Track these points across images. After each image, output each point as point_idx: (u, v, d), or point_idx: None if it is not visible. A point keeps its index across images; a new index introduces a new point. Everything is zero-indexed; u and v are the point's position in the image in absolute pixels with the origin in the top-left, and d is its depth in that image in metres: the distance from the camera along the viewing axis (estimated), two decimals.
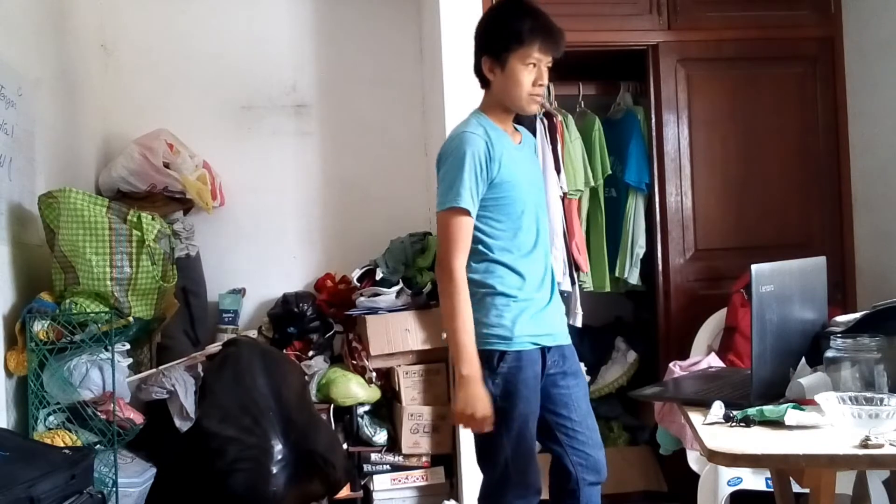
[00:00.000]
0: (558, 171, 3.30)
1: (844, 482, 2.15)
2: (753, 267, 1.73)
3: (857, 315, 1.97)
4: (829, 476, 1.53)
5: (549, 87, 3.45)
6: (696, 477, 2.76)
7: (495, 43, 2.07)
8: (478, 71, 2.13)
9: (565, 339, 2.20)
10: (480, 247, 2.08)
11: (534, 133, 3.28)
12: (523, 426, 2.07)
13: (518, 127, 2.25)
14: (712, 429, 1.62)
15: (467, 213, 2.02)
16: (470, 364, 1.99)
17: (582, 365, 3.45)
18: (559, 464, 2.17)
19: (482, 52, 2.11)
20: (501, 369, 2.05)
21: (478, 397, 1.99)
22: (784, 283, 1.84)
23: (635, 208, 3.43)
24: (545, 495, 2.20)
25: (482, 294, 2.08)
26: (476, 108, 2.16)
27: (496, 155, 2.05)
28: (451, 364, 3.11)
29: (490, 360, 2.06)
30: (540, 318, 2.12)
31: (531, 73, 2.05)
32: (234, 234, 3.64)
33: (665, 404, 2.49)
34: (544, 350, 2.12)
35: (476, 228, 2.07)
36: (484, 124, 2.09)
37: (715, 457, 1.50)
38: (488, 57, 2.08)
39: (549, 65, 2.08)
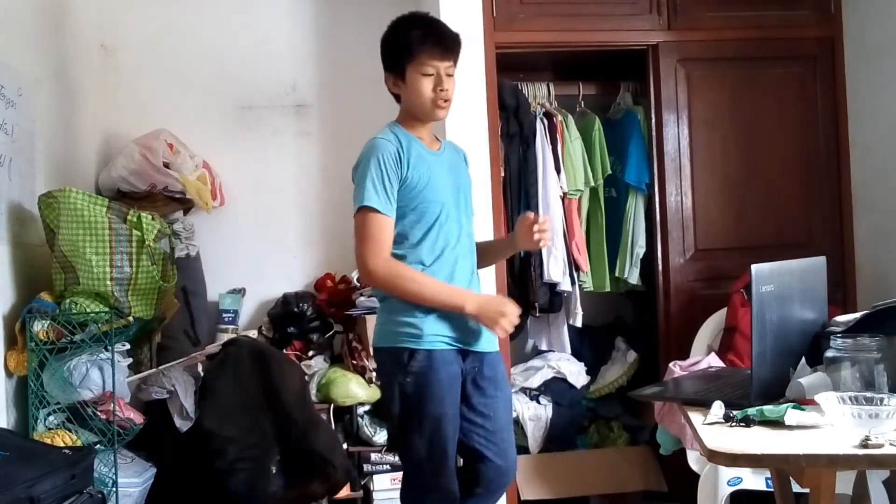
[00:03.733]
0: (558, 171, 3.31)
1: (844, 482, 2.15)
2: (753, 267, 1.73)
3: (857, 315, 1.97)
4: (829, 476, 1.53)
5: (549, 87, 3.46)
6: (696, 477, 2.76)
7: (392, 59, 2.17)
8: (388, 87, 2.22)
9: (488, 347, 2.17)
10: (395, 247, 2.11)
11: (534, 133, 3.31)
12: (436, 427, 2.06)
13: (446, 141, 2.34)
14: (712, 429, 1.62)
15: (377, 210, 2.07)
16: (467, 299, 2.07)
17: (582, 365, 3.49)
18: (469, 449, 2.17)
19: (385, 70, 2.20)
20: (412, 368, 2.07)
21: (492, 302, 2.08)
22: (784, 283, 1.84)
23: (635, 208, 3.43)
24: None
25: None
26: (392, 121, 2.24)
27: (406, 157, 2.11)
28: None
29: (400, 358, 2.07)
30: (455, 320, 2.10)
31: (430, 82, 2.11)
32: (234, 234, 3.63)
33: (665, 404, 2.49)
34: (464, 354, 2.13)
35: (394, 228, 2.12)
36: (396, 131, 2.17)
37: (715, 457, 1.50)
38: (390, 73, 2.19)
39: (451, 70, 2.14)
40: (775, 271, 1.80)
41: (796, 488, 2.07)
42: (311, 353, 3.32)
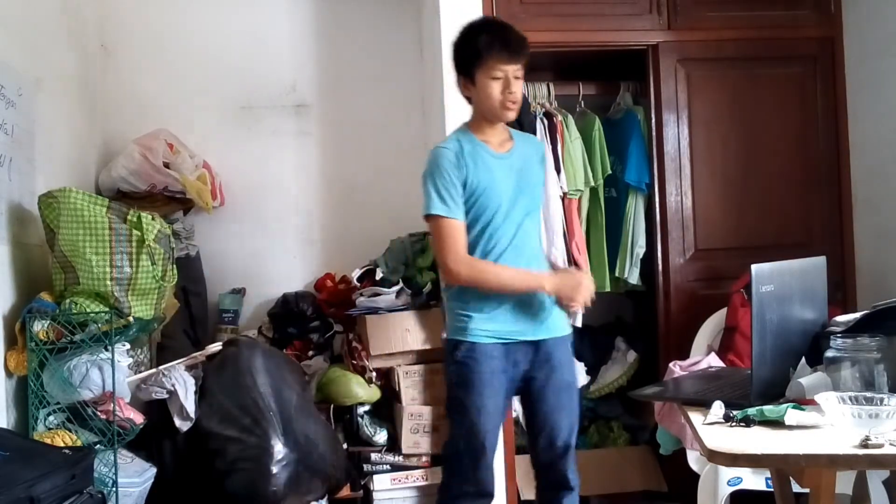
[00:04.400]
0: (558, 171, 3.31)
1: (844, 482, 2.15)
2: (753, 267, 1.73)
3: (857, 315, 1.97)
4: (829, 476, 1.53)
5: (549, 87, 3.46)
6: (696, 477, 2.76)
7: (463, 63, 2.29)
8: (459, 91, 2.35)
9: (542, 334, 2.30)
10: None
11: (534, 133, 3.30)
12: (475, 419, 2.20)
13: (522, 135, 2.46)
14: (712, 429, 1.62)
15: (443, 216, 2.23)
16: (545, 279, 2.23)
17: (581, 365, 3.48)
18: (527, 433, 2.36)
19: (457, 74, 2.32)
20: (457, 357, 2.24)
21: (567, 278, 2.25)
22: (784, 283, 1.84)
23: (635, 208, 3.43)
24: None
25: (458, 287, 2.27)
26: (463, 123, 2.37)
27: (465, 162, 2.24)
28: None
29: (451, 348, 2.27)
30: (502, 316, 2.25)
31: (499, 84, 2.23)
32: (234, 234, 3.64)
33: (665, 404, 2.49)
34: (515, 345, 2.25)
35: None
36: (459, 137, 2.31)
37: (715, 457, 1.50)
38: (461, 77, 2.31)
39: (519, 73, 2.25)
40: (775, 271, 1.81)
41: (796, 488, 2.08)
42: (311, 353, 3.32)
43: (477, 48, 2.22)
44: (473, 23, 2.33)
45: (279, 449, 2.74)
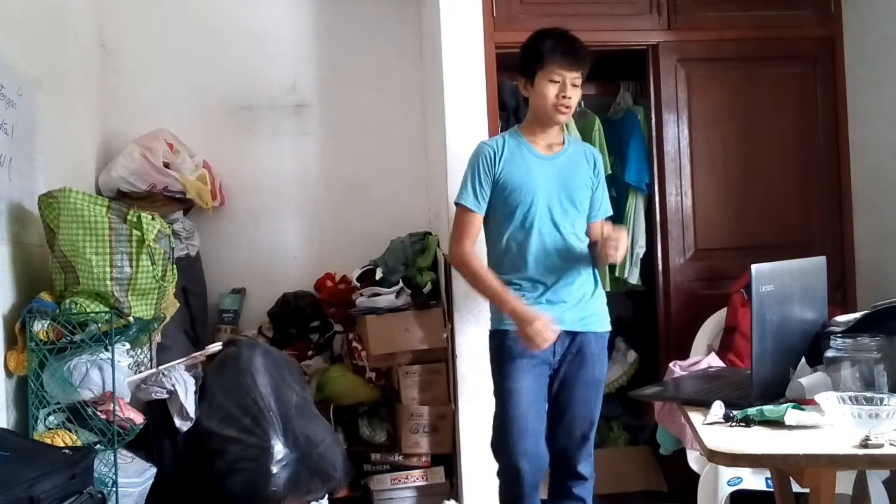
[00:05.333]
0: None
1: (844, 482, 2.15)
2: (753, 267, 1.73)
3: (857, 315, 1.97)
4: (829, 476, 1.53)
5: None
6: (696, 477, 2.76)
7: (526, 65, 2.40)
8: (520, 90, 2.47)
9: (575, 327, 2.38)
10: (493, 237, 2.45)
11: None
12: (509, 402, 2.34)
13: (579, 143, 2.64)
14: (712, 429, 1.62)
15: (465, 207, 2.40)
16: (506, 300, 2.31)
17: None
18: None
19: (520, 74, 2.43)
20: (493, 346, 2.43)
21: (525, 313, 2.27)
22: (784, 283, 1.84)
23: (635, 208, 3.43)
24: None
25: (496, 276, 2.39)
26: (518, 125, 2.52)
27: (503, 159, 2.39)
28: (450, 363, 3.12)
29: (491, 337, 2.44)
30: (548, 306, 2.35)
31: (555, 88, 2.34)
32: (234, 234, 3.64)
33: (665, 404, 2.49)
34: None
35: (488, 224, 2.45)
36: (508, 135, 2.46)
37: (715, 457, 1.50)
38: (522, 77, 2.42)
39: (577, 81, 2.35)
40: (775, 271, 1.81)
41: (796, 488, 2.08)
42: (311, 353, 3.32)
43: (540, 51, 2.34)
44: (542, 29, 2.43)
45: (279, 449, 2.74)
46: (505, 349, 2.36)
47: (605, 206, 2.55)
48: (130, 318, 2.64)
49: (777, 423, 1.59)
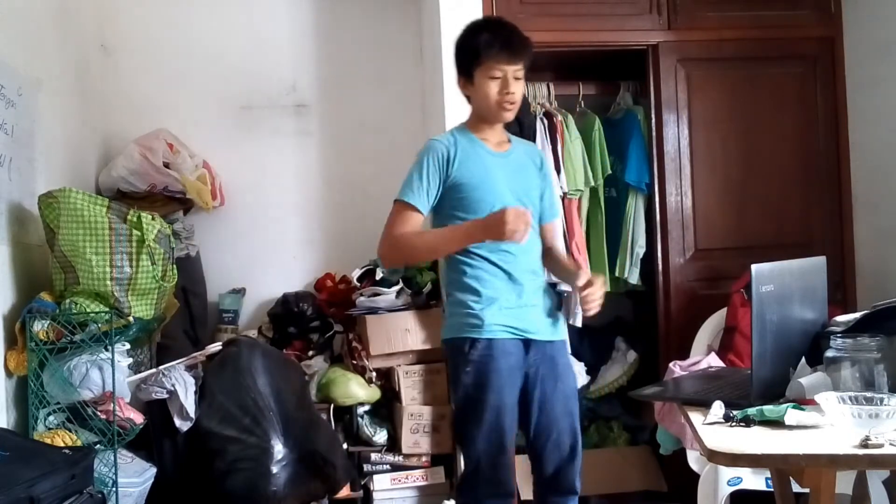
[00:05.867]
0: (558, 171, 3.31)
1: (844, 482, 2.15)
2: (753, 267, 1.73)
3: (857, 315, 1.97)
4: (829, 476, 1.53)
5: (549, 87, 3.46)
6: (696, 477, 2.76)
7: (462, 62, 2.25)
8: (459, 89, 2.30)
9: (551, 336, 2.25)
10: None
11: (534, 133, 3.30)
12: (495, 419, 2.12)
13: (521, 141, 2.42)
14: (712, 429, 1.62)
15: (412, 207, 2.18)
16: (470, 227, 2.13)
17: (582, 365, 3.48)
18: (527, 441, 2.26)
19: (457, 73, 2.28)
20: (472, 356, 2.14)
21: (494, 215, 2.06)
22: (784, 283, 1.83)
23: (635, 208, 3.43)
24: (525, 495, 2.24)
25: (458, 285, 2.22)
26: (461, 122, 2.33)
27: (456, 157, 2.20)
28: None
29: (462, 348, 2.16)
30: (516, 312, 2.18)
31: (497, 84, 2.18)
32: (234, 234, 3.64)
33: (665, 404, 2.49)
34: (526, 344, 2.18)
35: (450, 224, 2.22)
36: (457, 132, 2.27)
37: (715, 457, 1.50)
38: (460, 76, 2.27)
39: (519, 73, 2.20)
40: (775, 271, 1.80)
41: (796, 488, 2.08)
42: (311, 353, 3.32)
43: (476, 46, 2.19)
44: (476, 22, 2.31)
45: (279, 449, 2.74)
46: (491, 357, 2.14)
47: (555, 206, 2.43)
48: (130, 318, 2.65)
49: (777, 423, 1.59)
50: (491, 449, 2.14)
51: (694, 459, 2.80)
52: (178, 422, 2.78)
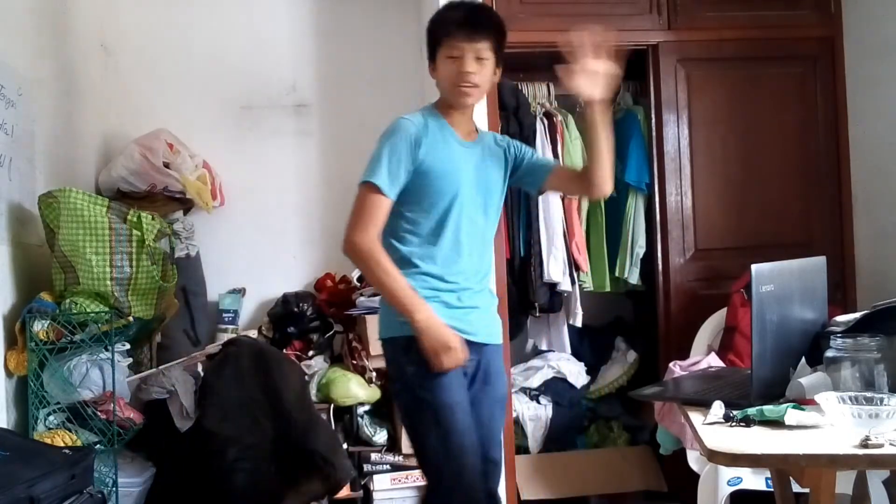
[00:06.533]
0: None
1: (844, 482, 2.15)
2: (753, 267, 1.73)
3: (857, 315, 1.97)
4: (829, 476, 1.53)
5: (549, 87, 3.46)
6: (696, 477, 2.76)
7: (428, 46, 2.12)
8: (431, 74, 2.17)
9: (487, 339, 2.11)
10: (403, 232, 2.06)
11: (534, 133, 3.30)
12: (450, 418, 1.96)
13: (488, 133, 2.27)
14: (712, 429, 1.62)
15: (378, 189, 1.99)
16: (420, 308, 1.95)
17: (581, 365, 3.48)
18: None
19: (427, 59, 2.16)
20: (415, 354, 1.96)
21: (441, 328, 1.94)
22: (784, 283, 1.84)
23: (635, 208, 3.43)
24: None
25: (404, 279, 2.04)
26: (430, 103, 2.18)
27: (426, 141, 2.03)
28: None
29: (403, 346, 2.00)
30: (458, 312, 2.04)
31: (454, 65, 2.03)
32: (234, 234, 3.63)
33: (665, 404, 2.49)
34: (468, 344, 2.01)
35: (401, 215, 2.05)
36: (427, 114, 2.11)
37: (715, 457, 1.50)
38: (429, 61, 2.14)
39: (483, 54, 2.02)
40: (775, 271, 1.80)
41: (796, 488, 2.08)
42: (311, 353, 3.32)
43: (434, 29, 2.09)
44: (441, 6, 2.17)
45: (279, 449, 2.74)
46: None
47: (546, 157, 2.25)
48: (130, 318, 2.65)
49: (777, 423, 1.59)
50: (452, 456, 1.96)
51: (694, 459, 2.80)
52: (178, 422, 2.78)
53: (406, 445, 3.16)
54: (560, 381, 3.42)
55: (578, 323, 3.37)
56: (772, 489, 2.30)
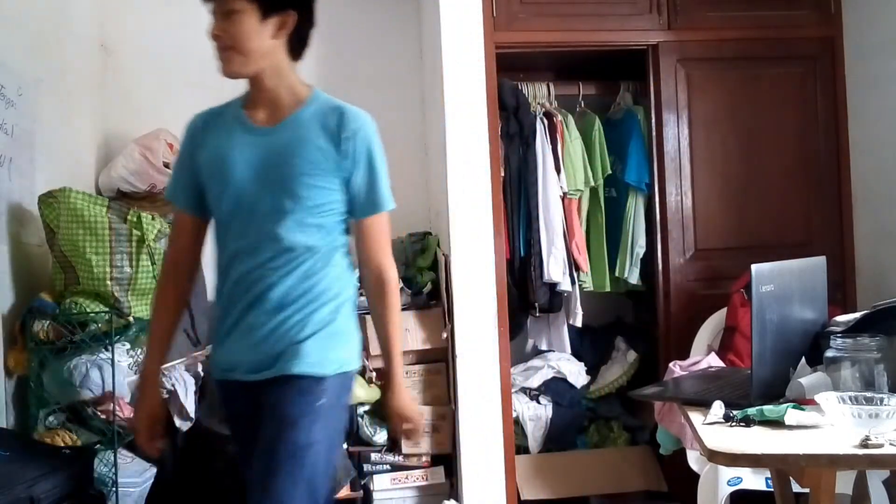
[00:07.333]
0: (558, 171, 3.31)
1: (844, 482, 2.15)
2: (753, 267, 1.73)
3: (857, 315, 1.97)
4: (829, 476, 1.53)
5: (549, 87, 3.46)
6: (696, 477, 2.76)
7: None
8: None
9: (256, 376, 1.72)
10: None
11: (534, 133, 3.30)
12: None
13: (324, 108, 1.87)
14: (712, 429, 1.62)
15: (174, 204, 1.80)
16: (144, 368, 1.84)
17: (581, 365, 3.49)
18: None
19: None
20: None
21: (138, 415, 1.80)
22: (784, 283, 1.84)
23: (635, 208, 3.43)
24: None
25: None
26: None
27: (201, 139, 1.79)
28: (450, 363, 3.12)
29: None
30: (223, 343, 1.76)
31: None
32: None
33: (665, 404, 2.49)
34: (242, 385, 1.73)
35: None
36: (224, 104, 1.86)
37: (715, 457, 1.50)
38: None
39: (227, 7, 1.73)
40: (775, 271, 1.81)
41: (796, 488, 2.08)
42: None
43: None
44: None
45: None
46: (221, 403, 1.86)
47: (372, 198, 1.80)
48: (130, 318, 2.65)
49: (777, 423, 1.59)
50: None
51: (694, 459, 2.80)
52: (178, 422, 2.78)
53: (406, 446, 3.16)
54: (560, 381, 3.42)
55: (578, 323, 3.37)
56: (772, 489, 2.30)
